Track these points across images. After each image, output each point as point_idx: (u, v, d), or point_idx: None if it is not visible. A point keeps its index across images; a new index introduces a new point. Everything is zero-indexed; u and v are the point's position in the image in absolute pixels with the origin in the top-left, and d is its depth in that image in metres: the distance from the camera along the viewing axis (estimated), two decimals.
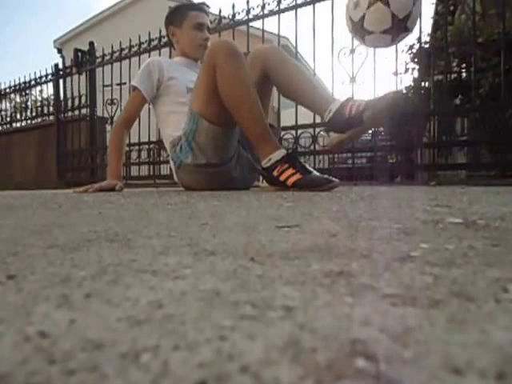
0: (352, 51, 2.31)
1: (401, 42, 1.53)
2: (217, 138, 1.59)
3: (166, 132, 1.87)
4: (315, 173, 1.44)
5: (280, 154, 1.46)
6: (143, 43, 3.25)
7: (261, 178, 1.67)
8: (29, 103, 4.61)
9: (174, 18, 1.97)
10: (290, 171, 1.43)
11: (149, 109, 2.69)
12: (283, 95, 1.68)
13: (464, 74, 4.12)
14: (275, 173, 1.45)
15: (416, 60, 4.71)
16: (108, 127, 3.59)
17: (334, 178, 1.39)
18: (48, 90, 4.38)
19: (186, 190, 1.78)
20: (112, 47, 3.47)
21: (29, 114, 4.44)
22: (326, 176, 1.41)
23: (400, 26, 1.42)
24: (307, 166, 1.48)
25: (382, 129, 3.02)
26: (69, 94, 3.87)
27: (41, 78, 4.15)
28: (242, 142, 1.71)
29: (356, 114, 1.42)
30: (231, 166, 1.67)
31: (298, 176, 1.41)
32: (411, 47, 4.84)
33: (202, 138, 1.60)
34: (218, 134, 1.58)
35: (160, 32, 3.15)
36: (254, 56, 1.69)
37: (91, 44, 3.73)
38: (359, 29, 1.44)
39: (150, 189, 2.43)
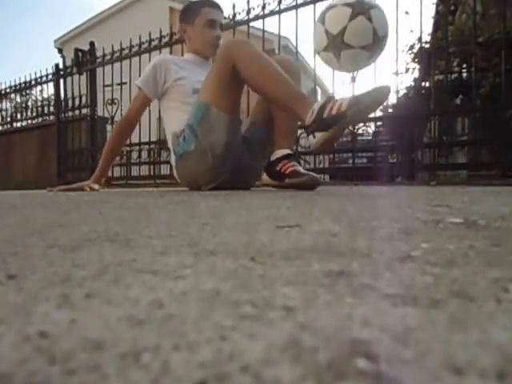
0: None
1: (374, 61, 1.49)
2: (222, 124, 1.58)
3: (169, 125, 1.85)
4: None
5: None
6: (144, 43, 3.25)
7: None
8: (29, 103, 4.62)
9: (187, 14, 1.92)
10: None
11: (149, 110, 2.69)
12: (254, 91, 1.61)
13: (464, 74, 4.12)
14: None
15: (416, 60, 4.71)
16: (108, 127, 3.59)
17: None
18: (48, 89, 4.41)
19: (184, 190, 1.78)
20: (112, 47, 3.47)
21: (29, 113, 4.45)
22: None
23: (379, 44, 1.40)
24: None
25: (382, 129, 3.02)
26: (69, 94, 3.87)
27: (41, 77, 4.15)
28: (244, 146, 1.71)
29: (338, 113, 1.36)
30: (231, 156, 1.64)
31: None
32: (412, 47, 4.84)
33: (207, 124, 1.58)
34: (224, 120, 1.57)
35: (160, 32, 3.15)
36: (224, 48, 1.62)
37: (92, 44, 3.73)
38: (338, 43, 1.39)
39: (150, 189, 2.43)
